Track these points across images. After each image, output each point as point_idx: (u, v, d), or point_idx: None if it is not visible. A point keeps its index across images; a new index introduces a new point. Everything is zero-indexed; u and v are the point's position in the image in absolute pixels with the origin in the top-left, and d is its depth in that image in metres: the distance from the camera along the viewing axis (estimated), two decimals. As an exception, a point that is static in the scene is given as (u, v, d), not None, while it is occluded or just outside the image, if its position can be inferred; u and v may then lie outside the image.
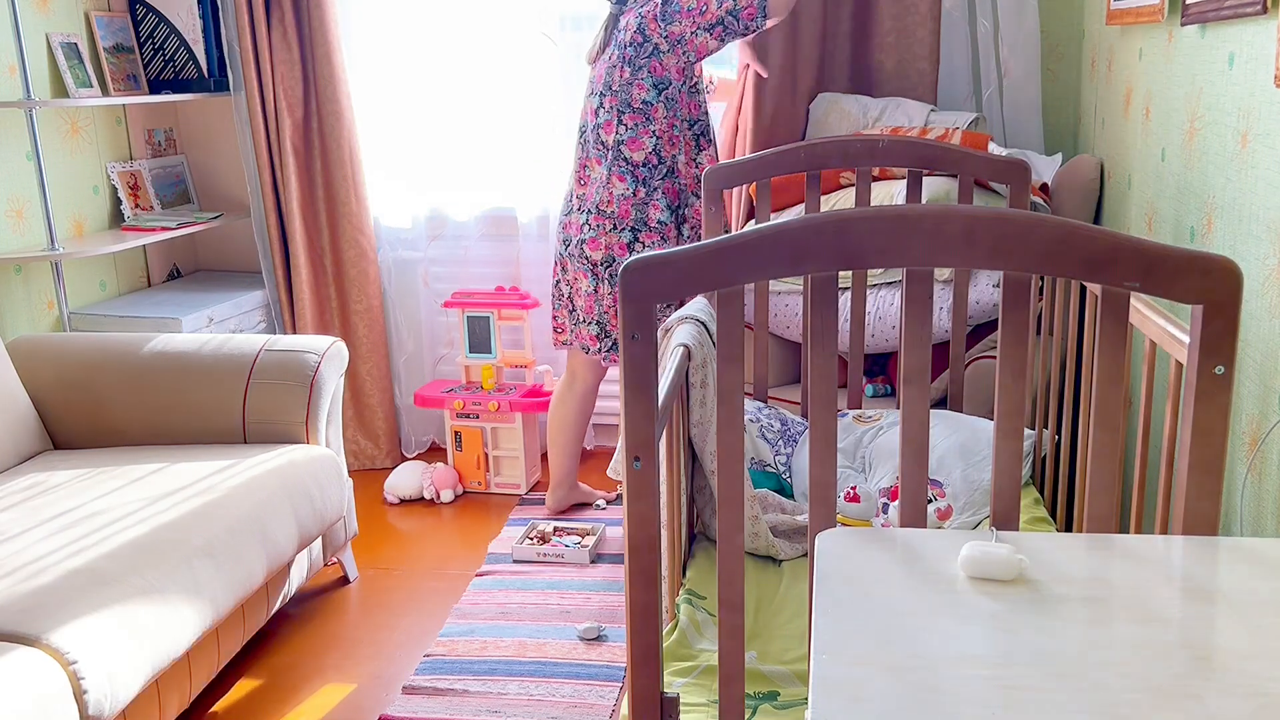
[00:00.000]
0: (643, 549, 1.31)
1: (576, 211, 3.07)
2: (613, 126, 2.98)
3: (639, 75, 2.95)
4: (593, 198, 3.03)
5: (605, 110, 2.99)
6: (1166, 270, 1.17)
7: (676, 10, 2.89)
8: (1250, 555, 1.01)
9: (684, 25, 2.89)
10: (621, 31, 2.99)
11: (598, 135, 3.02)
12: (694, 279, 1.23)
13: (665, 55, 2.93)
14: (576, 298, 3.12)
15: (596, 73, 3.03)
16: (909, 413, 1.32)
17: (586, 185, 3.05)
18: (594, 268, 3.04)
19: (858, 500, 2.22)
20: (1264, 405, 1.77)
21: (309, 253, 3.77)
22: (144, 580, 2.07)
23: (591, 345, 3.14)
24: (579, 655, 2.63)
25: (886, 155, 2.51)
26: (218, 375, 2.85)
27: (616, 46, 2.98)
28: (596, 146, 3.02)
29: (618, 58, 2.97)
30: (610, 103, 2.98)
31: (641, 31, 2.93)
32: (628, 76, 2.96)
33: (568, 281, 3.13)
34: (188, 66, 3.69)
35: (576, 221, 3.07)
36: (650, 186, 2.99)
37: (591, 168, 3.04)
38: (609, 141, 3.00)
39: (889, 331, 2.93)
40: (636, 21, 2.95)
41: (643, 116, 2.96)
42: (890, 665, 0.83)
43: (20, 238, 3.27)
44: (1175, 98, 2.30)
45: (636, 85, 2.95)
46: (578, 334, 3.16)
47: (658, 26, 2.91)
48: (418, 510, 3.57)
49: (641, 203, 2.99)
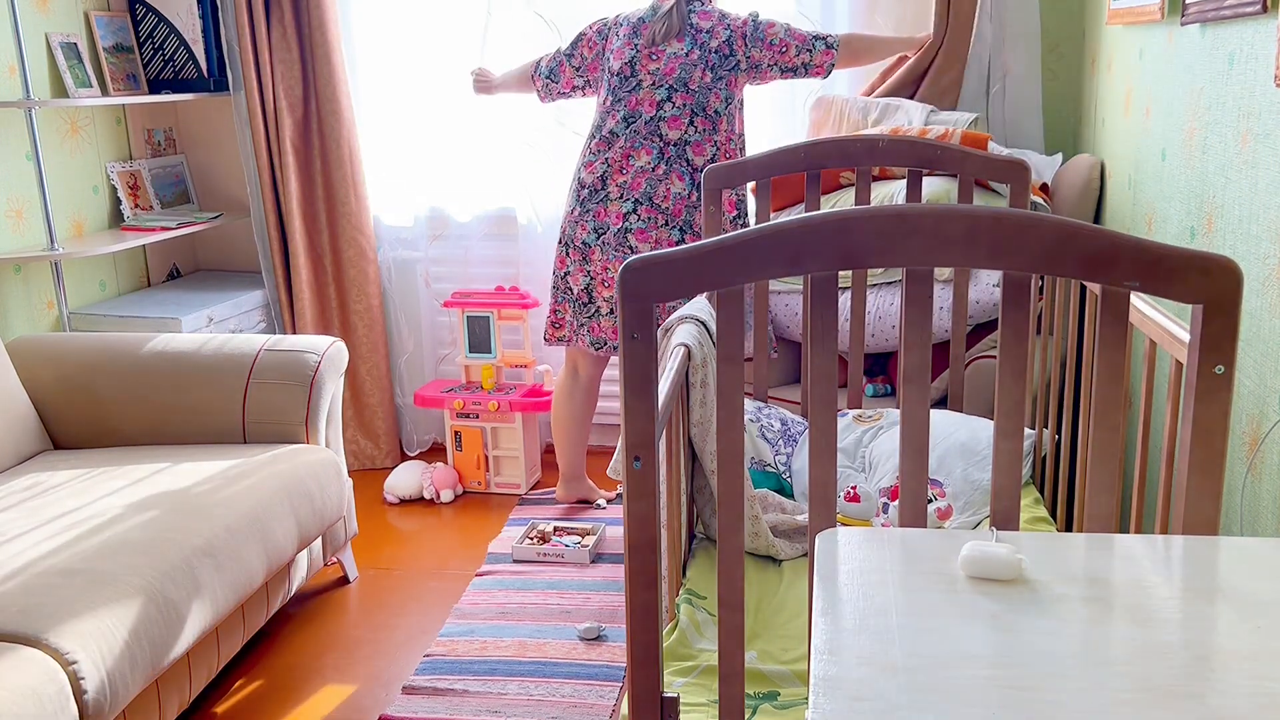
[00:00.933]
0: (643, 549, 1.31)
1: (615, 200, 3.01)
2: (681, 124, 2.95)
3: (718, 84, 2.96)
4: (640, 188, 2.98)
5: (674, 106, 2.95)
6: (1166, 270, 1.17)
7: (762, 38, 2.95)
8: (1250, 555, 1.01)
9: (764, 55, 2.96)
10: (705, 35, 2.96)
11: (656, 128, 2.97)
12: (694, 279, 1.23)
13: (742, 74, 2.98)
14: (602, 286, 3.07)
15: (663, 65, 2.97)
16: (909, 413, 1.32)
17: (627, 174, 2.99)
18: None
19: (858, 500, 2.22)
20: (1264, 405, 1.77)
21: (309, 253, 3.77)
22: (144, 580, 2.07)
23: (611, 338, 3.10)
24: (579, 655, 2.63)
25: (886, 155, 2.51)
26: (218, 375, 2.85)
27: (698, 47, 2.95)
28: (650, 138, 2.97)
29: (698, 58, 2.94)
30: (683, 100, 2.95)
31: (730, 44, 2.95)
32: (709, 81, 2.95)
33: (588, 272, 3.08)
34: (187, 66, 3.69)
35: (616, 210, 3.01)
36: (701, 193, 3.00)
37: (637, 157, 2.98)
38: (671, 138, 2.96)
39: (889, 331, 2.93)
40: (726, 34, 2.96)
41: (711, 124, 2.97)
42: (890, 665, 0.83)
43: (20, 238, 3.27)
44: (1175, 97, 2.30)
45: (714, 93, 2.96)
46: (591, 328, 3.12)
47: (744, 46, 2.95)
48: (417, 510, 3.57)
49: (694, 205, 2.99)
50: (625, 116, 3.00)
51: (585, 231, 3.06)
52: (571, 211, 3.09)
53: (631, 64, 3.00)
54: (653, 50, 2.98)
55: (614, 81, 3.03)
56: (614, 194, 3.01)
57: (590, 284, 3.09)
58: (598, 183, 3.04)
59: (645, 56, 2.99)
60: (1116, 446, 1.29)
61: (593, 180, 3.04)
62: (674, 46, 2.96)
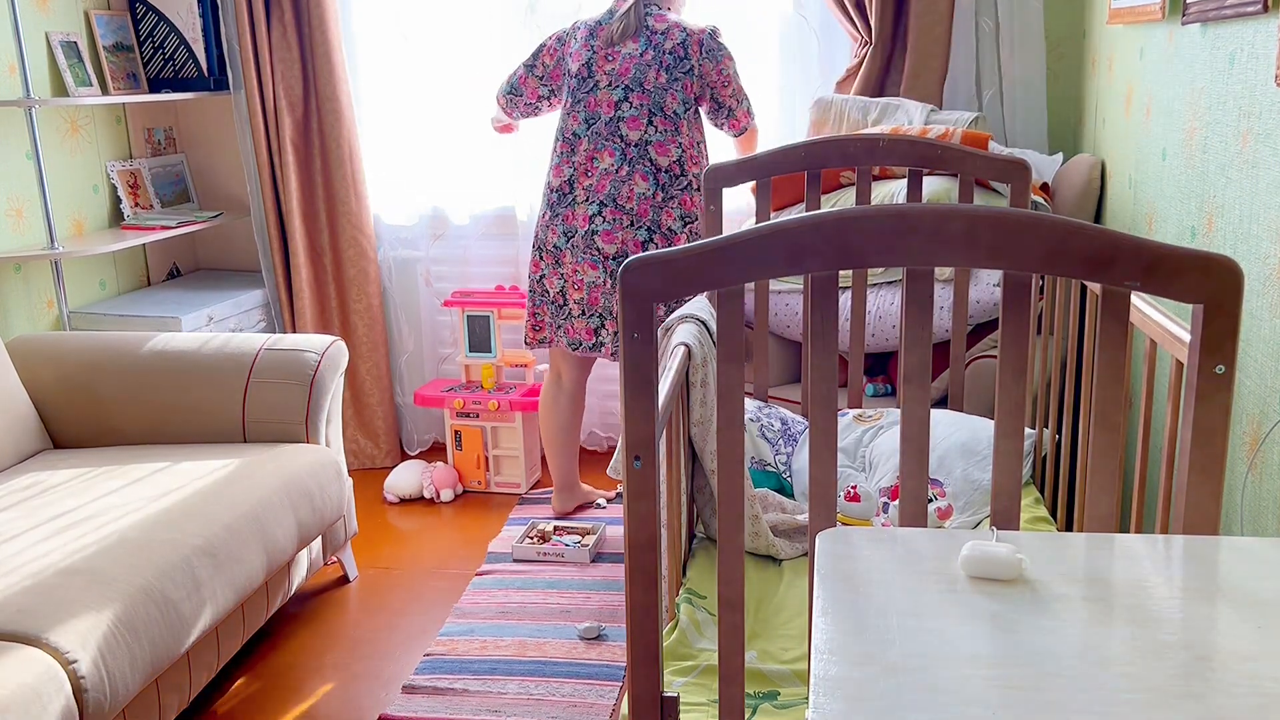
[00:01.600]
0: (643, 549, 1.31)
1: (582, 203, 3.03)
2: (639, 124, 2.97)
3: (674, 86, 2.97)
4: (604, 190, 3.00)
5: (631, 106, 2.97)
6: (1167, 269, 1.17)
7: (716, 58, 2.99)
8: (1250, 555, 1.01)
9: (711, 73, 2.99)
10: (660, 36, 2.97)
11: (616, 128, 2.98)
12: (694, 278, 1.23)
13: (695, 80, 2.99)
14: (573, 289, 3.09)
15: (618, 66, 2.98)
16: (909, 412, 1.32)
17: (592, 176, 3.02)
18: (605, 260, 3.03)
19: (858, 500, 2.22)
20: (1264, 405, 1.77)
21: (309, 252, 3.77)
22: (144, 580, 2.07)
23: (585, 339, 3.12)
24: (579, 655, 2.63)
25: (886, 155, 2.51)
26: (218, 375, 2.85)
27: (652, 48, 2.97)
28: (611, 139, 2.99)
29: (652, 59, 2.96)
30: (640, 100, 2.96)
31: (684, 48, 2.96)
32: (664, 82, 2.96)
33: (561, 275, 3.10)
34: (187, 65, 3.69)
35: (583, 213, 3.03)
36: (669, 193, 3.01)
37: (601, 159, 3.00)
38: (632, 138, 2.98)
39: (889, 331, 2.93)
40: (681, 36, 2.97)
41: (672, 125, 2.98)
42: (890, 665, 0.83)
43: (20, 237, 3.27)
44: (1176, 97, 2.30)
45: (670, 94, 2.97)
46: (567, 329, 3.14)
47: (699, 53, 2.97)
48: (418, 510, 3.57)
49: (659, 206, 3.01)
50: (586, 118, 3.02)
51: (556, 235, 3.09)
52: (543, 215, 3.12)
53: (588, 65, 3.01)
54: (609, 51, 3.00)
55: (573, 83, 3.04)
56: (580, 197, 3.04)
57: (564, 286, 3.11)
58: (565, 186, 3.06)
59: (602, 57, 3.01)
60: (1117, 446, 1.29)
61: (560, 183, 3.07)
62: (629, 47, 2.98)
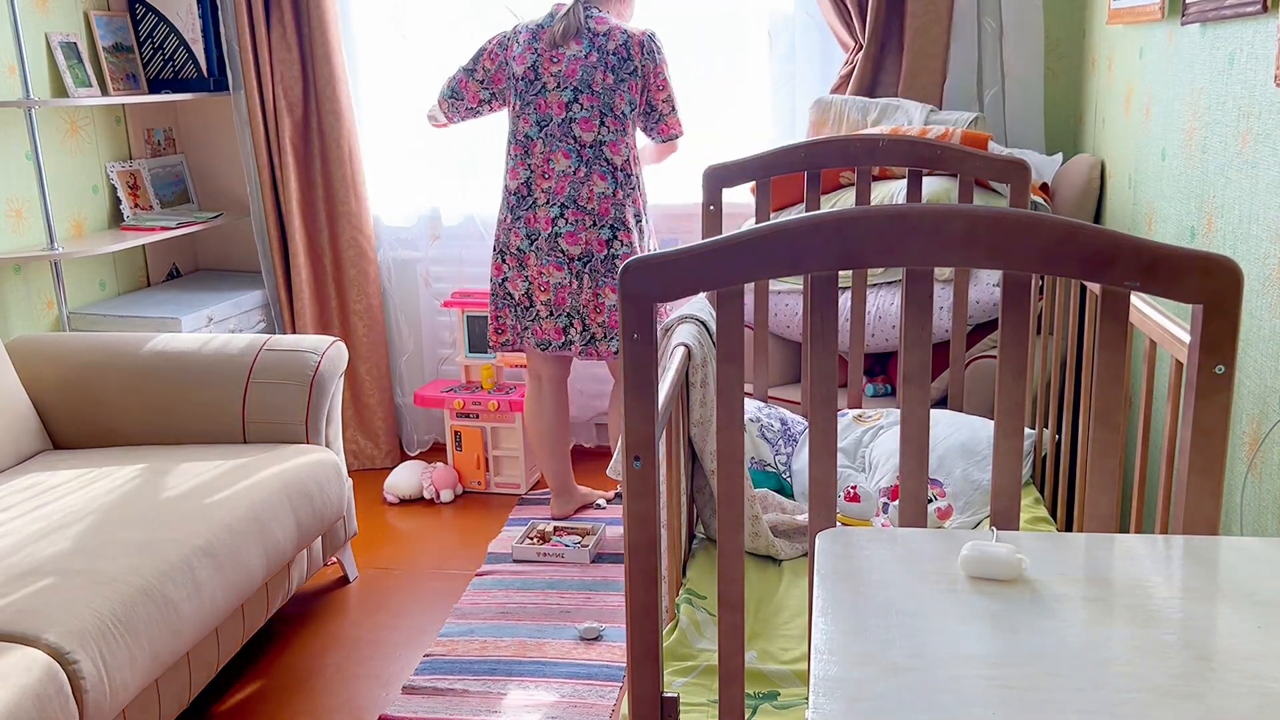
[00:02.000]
0: (643, 549, 1.31)
1: (543, 206, 3.05)
2: (592, 125, 3.00)
3: (620, 87, 3.01)
4: (564, 192, 3.03)
5: (582, 108, 3.00)
6: (1167, 270, 1.17)
7: (655, 62, 3.03)
8: (1250, 555, 1.01)
9: (649, 76, 3.03)
10: (601, 38, 3.00)
11: (569, 130, 3.01)
12: (694, 278, 1.23)
13: (638, 80, 3.03)
14: (540, 291, 3.10)
15: (564, 68, 3.00)
16: (909, 412, 1.32)
17: (550, 179, 3.04)
18: (570, 262, 3.05)
19: (858, 500, 2.22)
20: (1264, 405, 1.77)
21: (308, 252, 3.77)
22: (144, 580, 2.07)
23: (554, 339, 3.12)
24: (579, 655, 2.63)
25: (886, 155, 2.51)
26: (217, 375, 2.85)
27: (595, 50, 2.99)
28: (565, 140, 3.01)
29: (597, 60, 2.99)
30: (590, 101, 2.99)
31: (627, 49, 3.00)
32: (611, 83, 2.99)
33: (525, 278, 3.11)
34: (187, 66, 3.69)
35: (545, 215, 3.05)
36: (625, 191, 3.04)
37: (557, 161, 3.02)
38: (586, 139, 3.01)
39: (889, 331, 2.93)
40: (623, 38, 3.00)
41: (621, 125, 3.02)
42: (890, 665, 0.83)
43: (20, 237, 3.27)
44: (1175, 97, 2.30)
45: (618, 95, 3.01)
46: (534, 330, 3.14)
47: (640, 55, 3.01)
48: (417, 510, 3.57)
49: (619, 203, 3.04)
50: (537, 120, 3.04)
51: (519, 238, 3.10)
52: (504, 219, 3.12)
53: (534, 68, 3.03)
54: (553, 54, 3.02)
55: (520, 86, 3.05)
56: (541, 199, 3.05)
57: (529, 289, 3.12)
58: (523, 188, 3.07)
59: (546, 60, 3.02)
60: (1116, 446, 1.29)
61: (517, 186, 3.08)
62: (572, 49, 3.00)
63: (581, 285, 3.06)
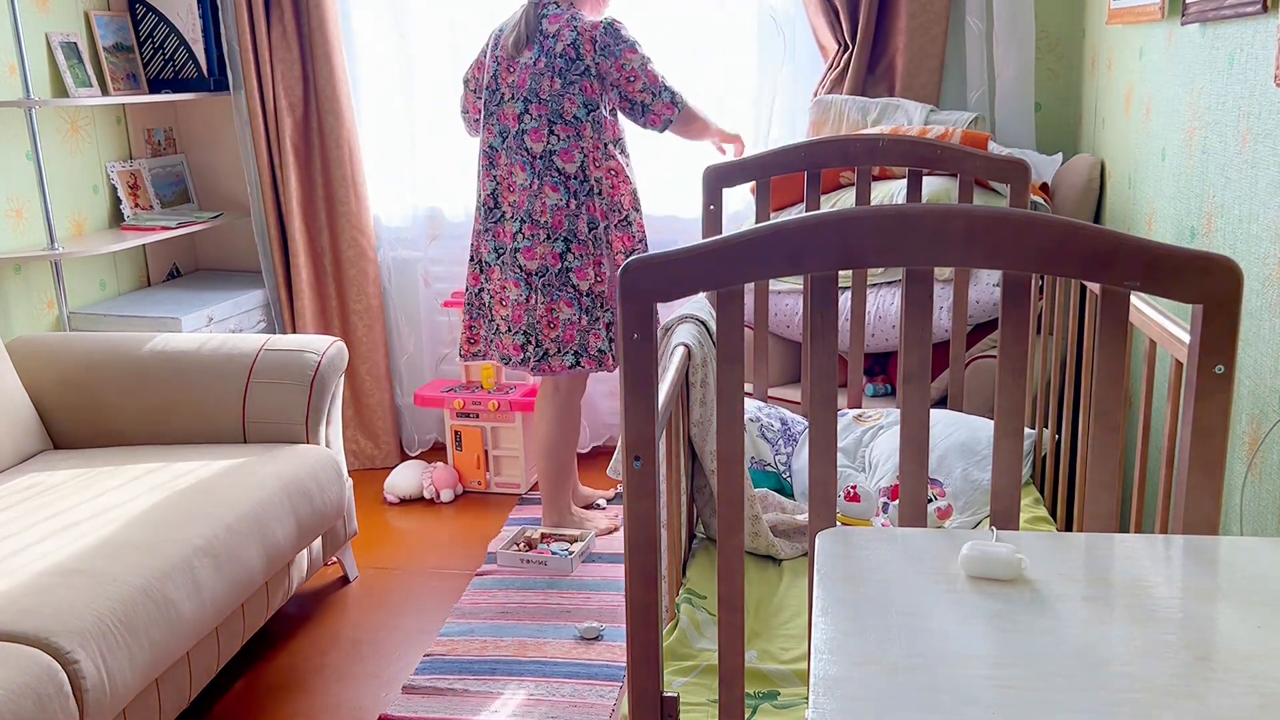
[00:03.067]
0: (643, 549, 1.31)
1: (508, 220, 2.98)
2: (541, 136, 2.89)
3: (570, 90, 2.87)
4: (523, 206, 2.94)
5: (531, 118, 2.89)
6: (1167, 269, 1.17)
7: (615, 54, 2.85)
8: (1250, 555, 1.01)
9: (610, 71, 2.87)
10: (550, 39, 2.87)
11: (522, 141, 2.91)
12: (694, 278, 1.23)
13: (593, 80, 2.88)
14: (500, 305, 3.03)
15: (517, 77, 2.89)
16: (909, 412, 1.32)
17: (514, 192, 2.96)
18: (528, 277, 2.96)
19: (858, 500, 2.22)
20: (1264, 405, 1.77)
21: (309, 252, 3.77)
22: (144, 580, 2.07)
23: (514, 355, 3.04)
24: (579, 655, 2.63)
25: (886, 155, 2.51)
26: (218, 375, 2.85)
27: (544, 54, 2.86)
28: (520, 152, 2.92)
29: (545, 66, 2.86)
30: (538, 111, 2.88)
31: (576, 48, 2.85)
32: (558, 89, 2.86)
33: (491, 291, 3.05)
34: (187, 66, 3.69)
35: (508, 229, 2.98)
36: (579, 199, 2.93)
37: (517, 174, 2.94)
38: (536, 150, 2.90)
39: (889, 331, 2.93)
40: (571, 36, 2.85)
41: (573, 131, 2.89)
42: (890, 665, 0.83)
43: (20, 237, 3.27)
44: (1175, 97, 2.30)
45: (568, 99, 2.87)
46: (497, 344, 3.08)
47: (592, 51, 2.85)
48: (417, 510, 3.57)
49: (573, 214, 2.94)
50: (499, 131, 2.95)
51: (487, 250, 3.04)
52: (477, 229, 3.06)
53: (495, 76, 2.95)
54: (510, 62, 2.92)
55: (485, 95, 2.99)
56: (508, 213, 2.98)
57: (491, 303, 3.06)
58: (490, 200, 3.00)
59: (505, 68, 2.93)
60: (1116, 446, 1.29)
61: (486, 196, 3.01)
62: (525, 56, 2.89)
63: (537, 301, 2.97)
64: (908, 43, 3.30)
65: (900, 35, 3.32)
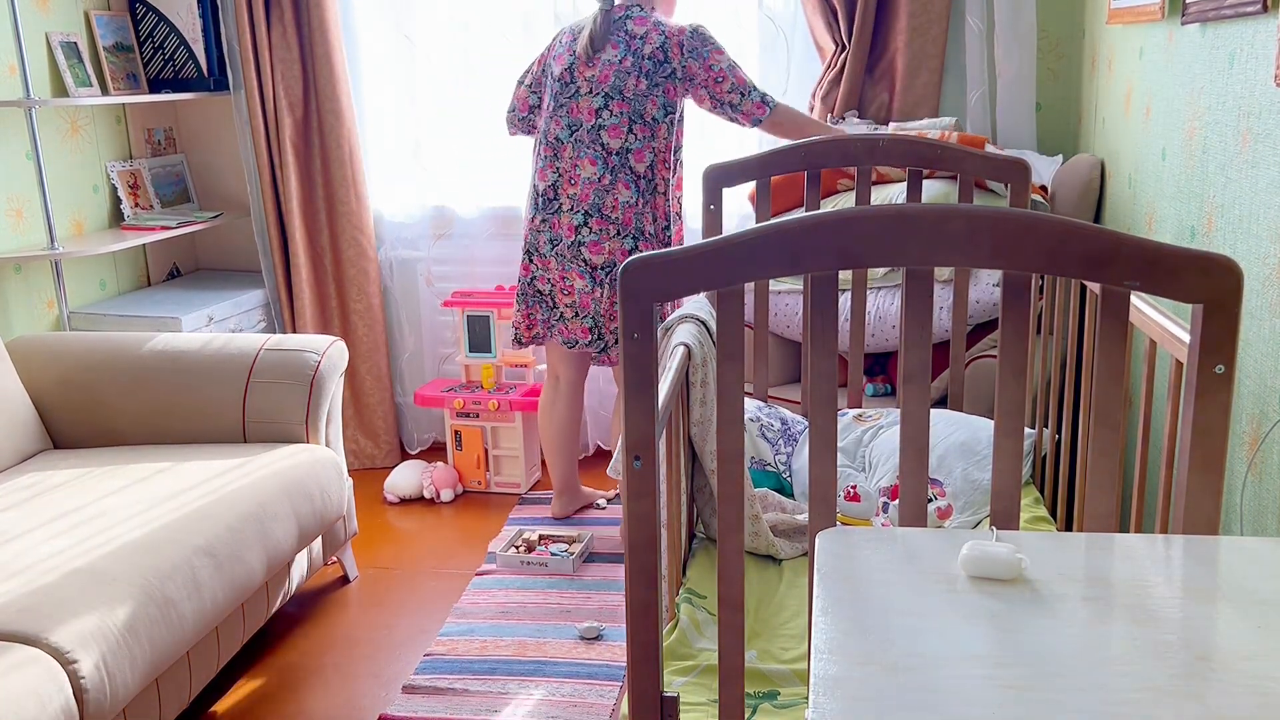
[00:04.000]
0: (643, 549, 1.31)
1: (568, 212, 3.02)
2: (620, 133, 2.95)
3: (654, 91, 2.94)
4: (589, 200, 2.98)
5: (611, 114, 2.95)
6: (1167, 269, 1.17)
7: (703, 56, 2.93)
8: (1250, 555, 1.01)
9: (699, 72, 2.94)
10: (638, 40, 2.94)
11: (597, 136, 2.97)
12: (694, 278, 1.23)
13: (678, 83, 2.96)
14: (563, 294, 3.08)
15: (598, 72, 2.96)
16: (909, 412, 1.32)
17: (576, 185, 3.00)
18: (593, 271, 3.02)
19: (858, 499, 2.22)
20: (1264, 405, 1.77)
21: (309, 252, 3.77)
22: (144, 580, 2.07)
23: (582, 338, 3.11)
24: (579, 655, 2.63)
25: (886, 155, 2.51)
26: (218, 375, 2.85)
27: (631, 54, 2.93)
28: (593, 147, 2.97)
29: (632, 65, 2.92)
30: (619, 108, 2.94)
31: (664, 51, 2.92)
32: (644, 89, 2.93)
33: (549, 280, 3.10)
34: (187, 66, 3.69)
35: (568, 222, 3.02)
36: (646, 198, 3.00)
37: (583, 167, 2.98)
38: (613, 147, 2.96)
39: (889, 331, 2.93)
40: (660, 39, 2.93)
41: (649, 132, 2.97)
42: (890, 665, 0.83)
43: (20, 237, 3.27)
44: (1175, 97, 2.30)
45: (651, 100, 2.95)
46: (561, 329, 3.13)
47: (680, 55, 2.93)
48: (417, 510, 3.57)
49: (641, 212, 3.00)
50: (568, 124, 2.99)
51: (544, 242, 3.08)
52: (532, 219, 3.09)
53: (570, 70, 2.99)
54: (591, 57, 2.96)
55: (555, 87, 3.02)
56: (565, 205, 3.02)
57: (553, 290, 3.11)
58: (550, 191, 3.03)
59: (583, 63, 2.97)
60: (1116, 446, 1.29)
61: (545, 188, 3.04)
62: (609, 54, 2.95)
63: (603, 294, 3.04)
64: (908, 42, 3.30)
65: (900, 35, 3.32)
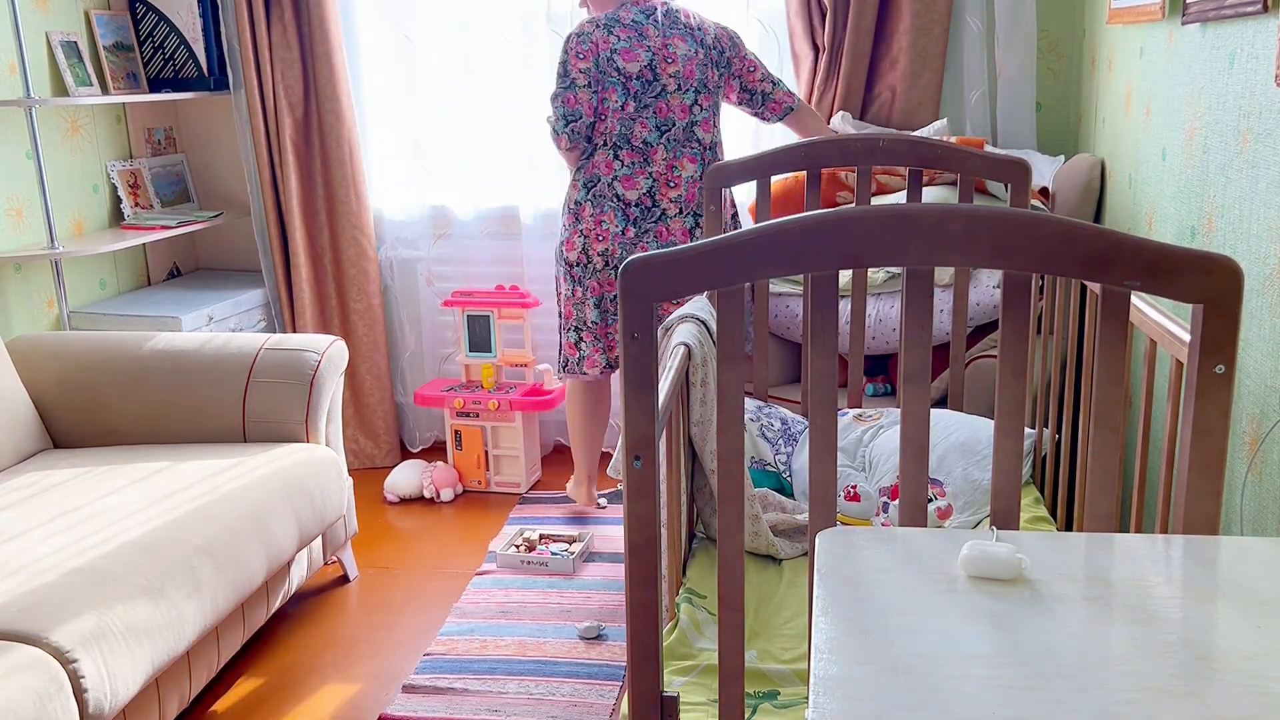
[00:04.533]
0: (643, 549, 1.31)
1: (676, 216, 2.86)
2: (710, 127, 2.94)
3: (723, 83, 2.96)
4: (695, 199, 2.89)
5: (702, 109, 2.90)
6: (1167, 269, 1.17)
7: (741, 49, 2.97)
8: (1250, 555, 1.01)
9: (740, 64, 2.97)
10: (699, 32, 2.91)
11: (692, 133, 2.87)
12: (695, 278, 1.23)
13: (733, 76, 2.98)
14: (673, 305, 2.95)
15: (681, 68, 2.84)
16: (909, 412, 1.32)
17: (678, 187, 2.86)
18: None
19: (858, 499, 2.22)
20: (1264, 405, 1.77)
21: (309, 251, 3.77)
22: (144, 580, 2.07)
23: None
24: (579, 654, 2.63)
25: (886, 155, 2.51)
26: (218, 374, 2.85)
27: (700, 45, 2.89)
28: (688, 144, 2.87)
29: (704, 58, 2.88)
30: (707, 101, 2.91)
31: (720, 43, 2.94)
32: (717, 79, 2.93)
33: None
34: (187, 65, 3.69)
35: (680, 226, 2.87)
36: None
37: (682, 168, 2.87)
38: (706, 141, 2.92)
39: (889, 335, 2.93)
40: (714, 29, 2.95)
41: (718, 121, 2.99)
42: (890, 665, 0.83)
43: (20, 236, 3.27)
44: (1176, 97, 2.30)
45: (722, 91, 2.97)
46: None
47: (729, 45, 2.95)
48: (417, 509, 3.57)
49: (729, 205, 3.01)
50: (657, 124, 2.84)
51: None
52: (623, 232, 2.87)
53: (651, 67, 2.83)
54: (666, 52, 2.84)
55: (634, 86, 2.83)
56: (671, 210, 2.86)
57: None
58: (645, 199, 2.86)
59: (662, 59, 2.84)
60: (1116, 446, 1.29)
61: (638, 196, 2.86)
62: (681, 48, 2.85)
63: None
64: (911, 42, 3.30)
65: (904, 35, 3.32)
